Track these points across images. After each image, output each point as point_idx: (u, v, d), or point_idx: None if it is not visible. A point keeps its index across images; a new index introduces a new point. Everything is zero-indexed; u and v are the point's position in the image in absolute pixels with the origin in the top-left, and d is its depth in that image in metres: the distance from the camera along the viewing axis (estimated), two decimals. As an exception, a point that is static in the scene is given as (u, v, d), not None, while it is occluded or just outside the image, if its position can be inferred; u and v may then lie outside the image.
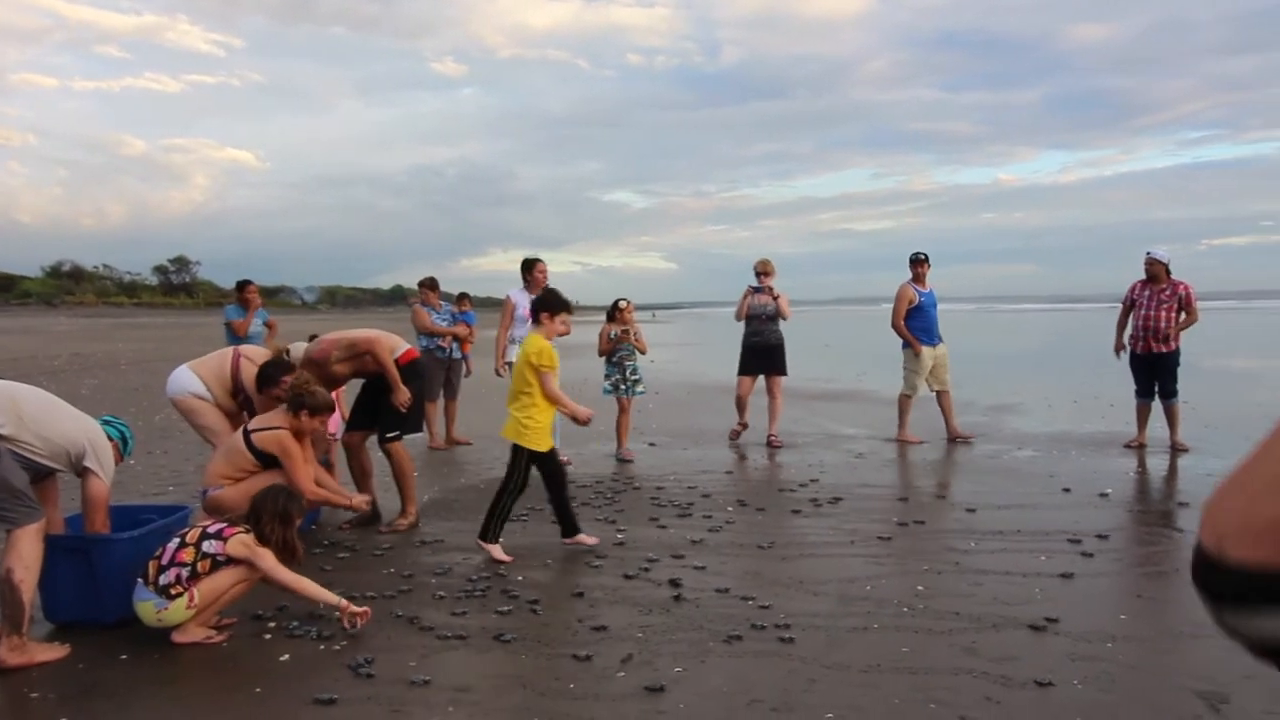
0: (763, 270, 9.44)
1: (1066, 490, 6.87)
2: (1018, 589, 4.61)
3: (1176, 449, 8.38)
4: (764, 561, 5.15)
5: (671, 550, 5.34)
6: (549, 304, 5.40)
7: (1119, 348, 8.85)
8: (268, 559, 3.99)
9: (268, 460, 5.11)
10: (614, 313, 8.68)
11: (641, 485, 7.27)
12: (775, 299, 9.39)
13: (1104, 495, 6.69)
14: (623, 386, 8.61)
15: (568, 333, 5.48)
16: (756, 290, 9.41)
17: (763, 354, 9.50)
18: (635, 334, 8.62)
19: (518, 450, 5.28)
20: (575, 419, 5.38)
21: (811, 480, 7.37)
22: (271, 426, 5.15)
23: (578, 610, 4.32)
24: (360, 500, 5.40)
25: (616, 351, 8.61)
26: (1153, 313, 8.51)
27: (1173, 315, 8.48)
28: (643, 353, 8.79)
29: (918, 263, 9.30)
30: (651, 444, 9.41)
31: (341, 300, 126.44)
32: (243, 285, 9.80)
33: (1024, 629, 4.04)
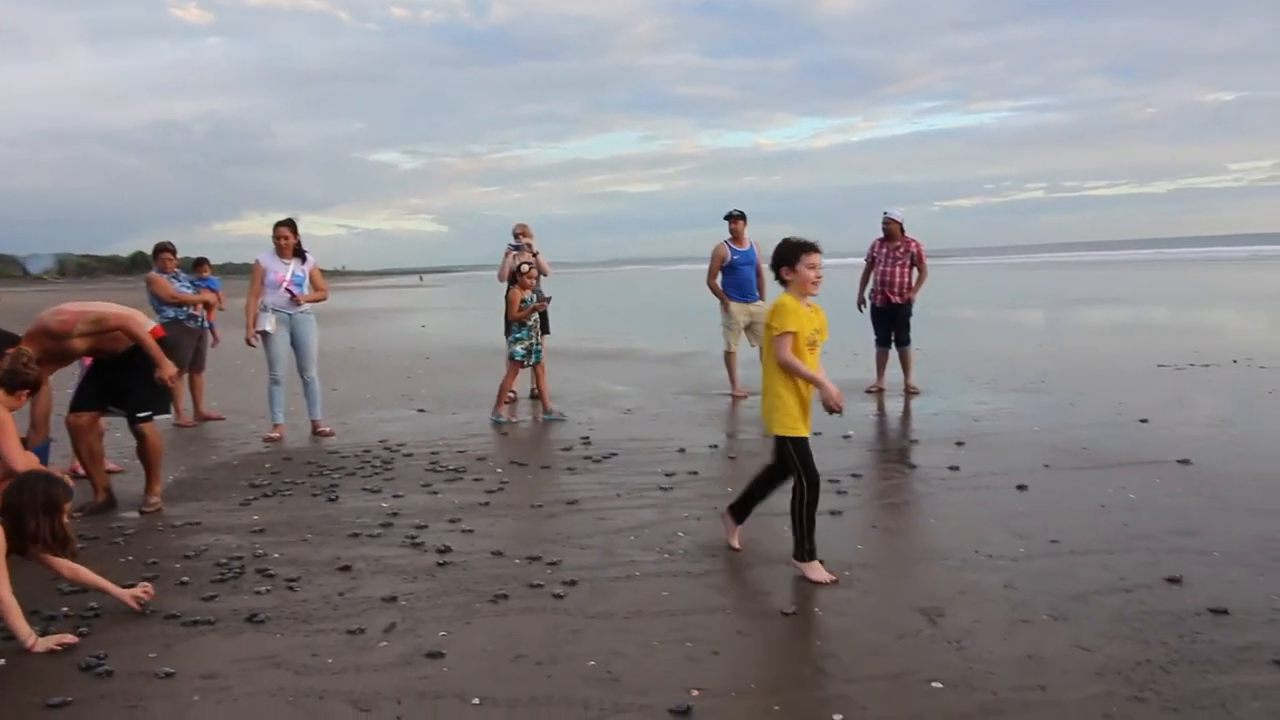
0: (521, 232, 9.52)
1: (817, 434, 7.35)
2: (770, 529, 4.91)
3: (910, 392, 9.18)
4: (533, 521, 5.19)
5: (442, 516, 5.27)
6: (784, 254, 4.19)
7: (861, 302, 9.56)
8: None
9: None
10: (518, 276, 8.50)
11: (413, 452, 7.11)
12: (535, 257, 9.51)
13: (846, 437, 7.23)
14: (536, 350, 8.56)
15: (819, 279, 4.17)
16: (515, 248, 9.49)
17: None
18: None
19: (781, 442, 4.23)
20: (826, 402, 4.10)
21: (582, 438, 7.49)
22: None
23: (339, 584, 4.17)
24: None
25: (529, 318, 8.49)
26: (889, 268, 9.25)
27: (907, 270, 9.25)
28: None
29: (732, 219, 9.39)
30: (421, 410, 9.21)
31: (73, 269, 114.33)
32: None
33: (775, 565, 4.31)
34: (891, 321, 9.33)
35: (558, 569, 4.30)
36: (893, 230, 9.28)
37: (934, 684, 3.07)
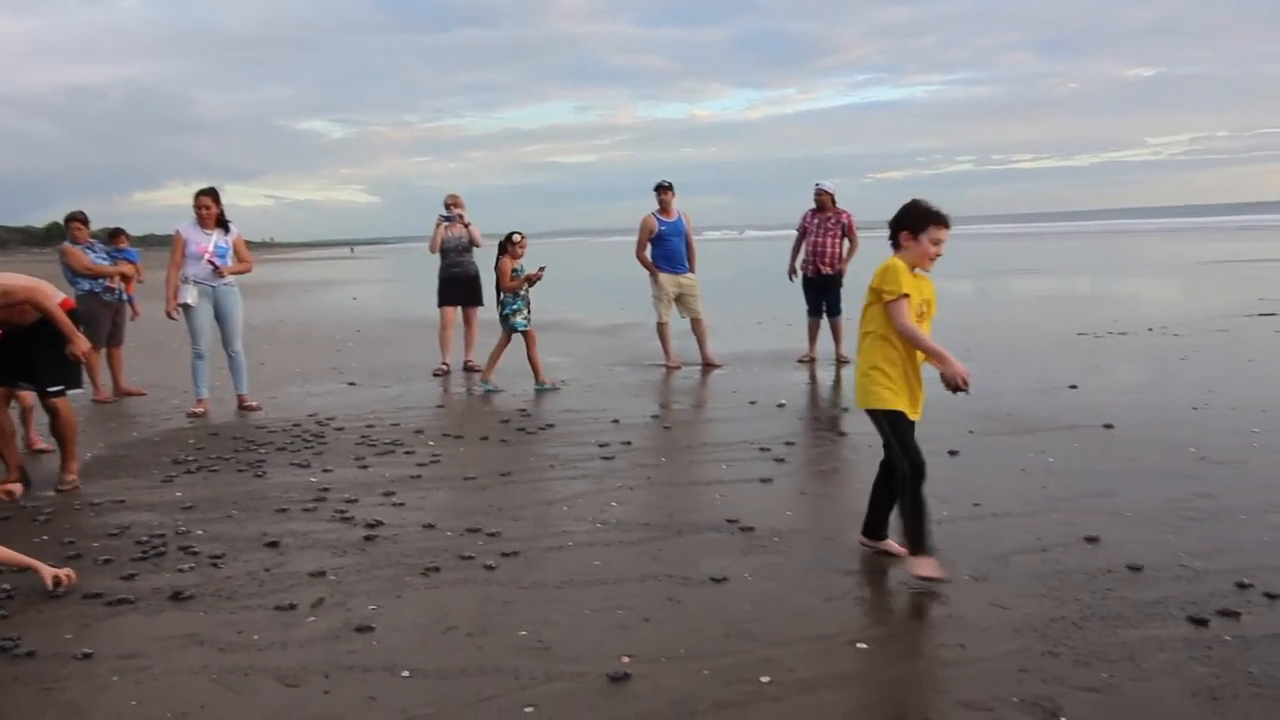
0: (452, 203, 9.43)
1: (751, 403, 7.44)
2: (702, 497, 4.96)
3: (842, 361, 9.32)
4: (466, 493, 5.16)
5: (373, 489, 5.21)
6: (910, 219, 3.70)
7: (792, 272, 9.65)
8: None
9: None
10: (508, 245, 8.34)
11: (344, 426, 7.00)
12: (467, 228, 9.46)
13: (780, 406, 7.32)
14: (530, 318, 8.48)
15: (939, 256, 3.73)
16: (447, 220, 9.40)
17: (461, 285, 9.59)
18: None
19: (875, 418, 3.79)
20: (950, 380, 3.61)
21: (516, 410, 7.45)
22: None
23: (265, 560, 4.10)
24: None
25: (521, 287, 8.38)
26: (821, 239, 9.34)
27: (838, 241, 9.36)
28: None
29: (660, 191, 9.34)
30: (352, 383, 9.07)
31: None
32: None
33: (707, 532, 4.36)
34: (823, 292, 9.44)
35: (490, 541, 4.29)
36: (824, 202, 9.37)
37: (859, 644, 3.14)
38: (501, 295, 8.43)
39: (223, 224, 7.63)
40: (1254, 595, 3.43)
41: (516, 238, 8.38)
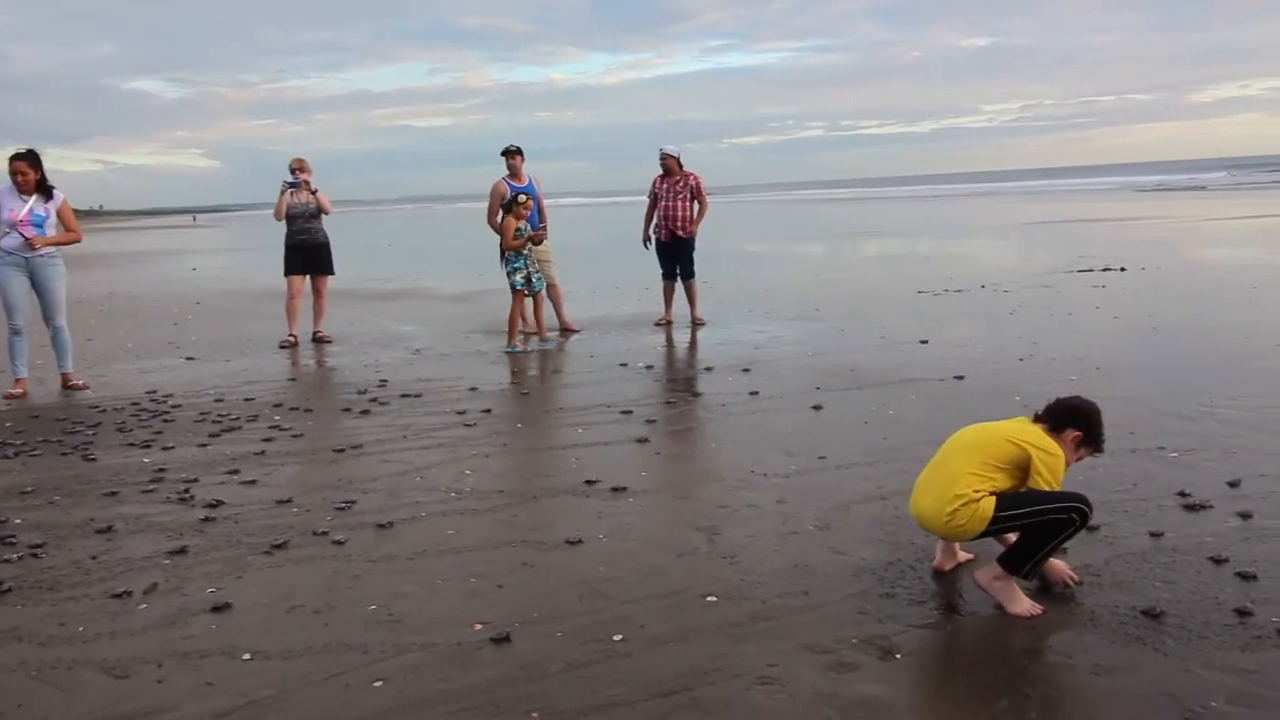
0: (298, 168, 9.04)
1: (622, 364, 7.47)
2: (558, 461, 4.97)
3: (696, 323, 9.47)
4: (315, 467, 5.00)
5: (214, 468, 4.97)
6: (1085, 423, 3.25)
7: (646, 238, 9.71)
8: None
9: None
10: (513, 205, 8.42)
11: (182, 403, 6.64)
12: (314, 194, 9.08)
13: (649, 368, 7.39)
14: (535, 279, 8.58)
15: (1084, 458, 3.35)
16: (293, 186, 9.00)
17: (309, 253, 9.24)
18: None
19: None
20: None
21: (368, 381, 7.25)
22: None
23: (93, 547, 3.86)
24: None
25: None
26: (671, 203, 9.41)
27: (688, 204, 9.45)
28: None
29: (509, 155, 9.15)
30: (190, 358, 8.61)
31: None
32: None
33: (563, 496, 4.37)
34: (675, 255, 9.53)
35: (339, 515, 4.17)
36: (670, 166, 9.43)
37: (709, 598, 3.23)
38: (506, 254, 8.54)
39: (45, 190, 7.05)
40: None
41: (521, 198, 8.47)
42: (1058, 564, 3.23)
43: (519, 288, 8.47)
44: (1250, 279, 11.43)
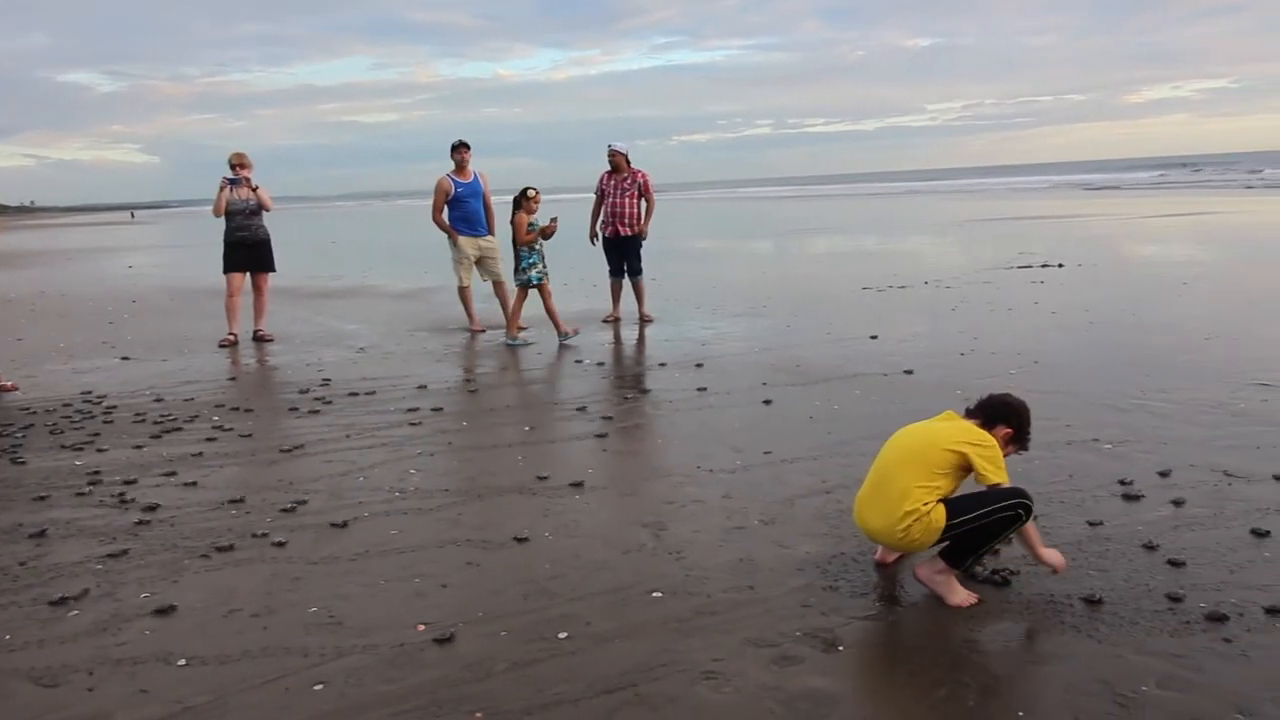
0: (238, 163, 8.86)
1: (580, 363, 7.45)
2: (504, 459, 4.93)
3: (645, 320, 9.47)
4: (255, 469, 4.90)
5: (151, 470, 4.86)
6: (1016, 419, 3.36)
7: (593, 234, 9.69)
8: None
9: None
10: (523, 200, 8.27)
11: (117, 404, 6.47)
12: (255, 191, 8.90)
13: (600, 364, 7.37)
14: (546, 271, 8.49)
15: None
16: (233, 183, 8.82)
17: (249, 250, 9.07)
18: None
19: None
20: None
21: (311, 380, 7.13)
22: None
23: (21, 553, 3.74)
24: None
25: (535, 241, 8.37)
26: (619, 200, 9.40)
27: (635, 201, 9.44)
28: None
29: (455, 150, 9.10)
30: (126, 357, 8.39)
31: None
32: None
33: (509, 495, 4.34)
34: (623, 252, 9.52)
35: (280, 517, 4.10)
36: (618, 162, 9.42)
37: (655, 594, 3.23)
38: (518, 250, 8.44)
39: None
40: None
41: (531, 192, 8.35)
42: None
43: (535, 283, 8.44)
44: (1180, 275, 11.77)
